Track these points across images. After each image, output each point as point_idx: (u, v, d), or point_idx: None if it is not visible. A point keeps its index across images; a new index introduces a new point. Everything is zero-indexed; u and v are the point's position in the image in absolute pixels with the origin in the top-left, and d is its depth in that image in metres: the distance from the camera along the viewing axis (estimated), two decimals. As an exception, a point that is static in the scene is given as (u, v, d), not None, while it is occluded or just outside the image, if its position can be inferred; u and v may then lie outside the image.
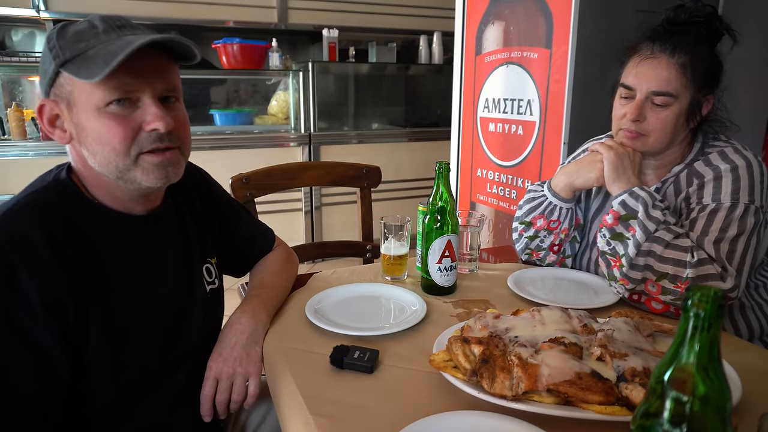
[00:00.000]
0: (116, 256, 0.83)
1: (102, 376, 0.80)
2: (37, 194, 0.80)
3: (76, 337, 0.76)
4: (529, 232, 1.26)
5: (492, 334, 0.81)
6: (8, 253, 0.71)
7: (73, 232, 0.78)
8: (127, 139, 0.78)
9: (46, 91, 0.81)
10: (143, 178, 0.82)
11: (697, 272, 0.96)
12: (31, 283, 0.71)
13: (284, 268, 1.16)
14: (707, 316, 0.42)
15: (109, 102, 0.77)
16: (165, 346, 0.88)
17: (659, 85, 1.06)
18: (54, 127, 0.82)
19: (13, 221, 0.75)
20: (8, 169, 2.92)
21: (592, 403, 0.68)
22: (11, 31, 3.74)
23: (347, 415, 0.72)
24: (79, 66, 0.75)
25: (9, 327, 0.70)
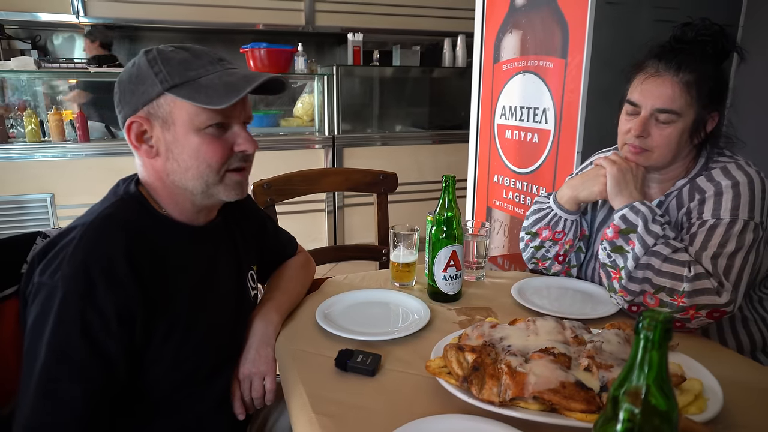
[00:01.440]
0: (179, 263, 0.92)
1: (159, 374, 0.89)
2: (113, 208, 0.88)
3: (140, 340, 0.85)
4: (535, 242, 1.30)
5: (486, 342, 0.86)
6: (90, 268, 0.79)
7: (145, 244, 0.86)
8: (223, 157, 0.89)
9: (136, 109, 0.87)
10: (224, 193, 0.92)
11: (694, 286, 0.99)
12: (107, 296, 0.79)
13: (300, 273, 1.23)
14: (655, 338, 0.47)
15: (209, 125, 0.86)
16: (216, 347, 0.97)
17: (663, 103, 1.09)
18: (141, 142, 0.89)
19: (94, 237, 0.82)
20: (48, 169, 3.08)
21: (574, 410, 0.73)
22: (52, 36, 3.93)
23: (348, 415, 0.79)
24: (193, 91, 0.84)
25: (84, 336, 0.78)
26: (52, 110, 3.12)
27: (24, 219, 3.12)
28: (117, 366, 0.82)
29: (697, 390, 0.76)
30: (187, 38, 4.03)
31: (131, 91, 0.88)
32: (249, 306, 1.07)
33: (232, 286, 1.04)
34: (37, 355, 0.78)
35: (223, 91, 0.84)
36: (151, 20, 3.68)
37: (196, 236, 0.97)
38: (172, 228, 0.93)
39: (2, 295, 0.99)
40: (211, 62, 0.89)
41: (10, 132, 3.15)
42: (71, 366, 0.78)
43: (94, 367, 0.79)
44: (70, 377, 0.78)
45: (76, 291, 0.78)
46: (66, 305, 0.78)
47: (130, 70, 0.89)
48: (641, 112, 1.12)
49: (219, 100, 0.83)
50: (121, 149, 3.19)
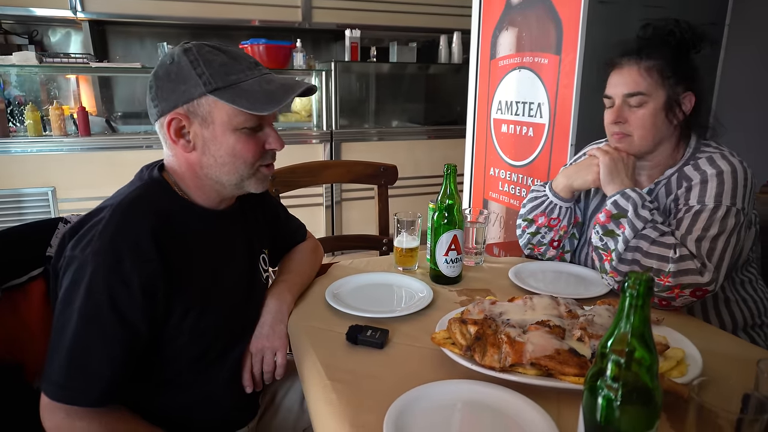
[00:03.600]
0: (198, 244, 0.99)
1: (175, 350, 0.96)
2: (140, 191, 0.95)
3: (161, 314, 0.92)
4: (531, 229, 1.37)
5: (487, 317, 0.93)
6: (119, 244, 0.86)
7: (168, 225, 0.93)
8: (257, 154, 0.97)
9: (175, 105, 0.93)
10: (255, 186, 1.01)
11: (679, 267, 1.06)
12: (133, 270, 0.86)
13: (310, 257, 1.31)
14: (640, 295, 0.53)
15: (245, 126, 0.94)
16: (230, 325, 1.03)
17: (629, 88, 1.19)
18: (179, 137, 0.95)
19: (123, 216, 0.89)
20: (49, 163, 3.11)
21: (568, 375, 0.80)
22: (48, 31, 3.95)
23: (360, 382, 0.85)
24: (235, 96, 0.91)
25: (111, 307, 0.85)
26: (53, 104, 3.15)
27: (25, 212, 3.16)
28: (140, 334, 0.88)
29: (679, 357, 0.84)
30: (184, 34, 4.06)
31: (171, 89, 0.93)
32: (260, 287, 1.14)
33: (246, 267, 1.10)
34: (68, 322, 0.85)
35: (265, 98, 0.92)
36: (148, 15, 3.70)
37: (215, 220, 1.03)
38: (193, 211, 1.00)
39: (29, 277, 1.05)
40: (249, 67, 0.95)
41: (10, 126, 3.18)
42: (100, 332, 0.85)
43: (119, 333, 0.86)
44: (98, 341, 0.85)
45: (105, 264, 0.85)
46: (96, 277, 0.85)
47: (169, 68, 0.93)
48: (615, 102, 1.21)
49: (261, 107, 0.91)
50: (121, 143, 3.23)
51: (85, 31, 3.76)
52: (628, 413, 0.55)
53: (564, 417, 0.75)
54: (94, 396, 0.86)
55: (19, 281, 1.03)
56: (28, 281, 1.05)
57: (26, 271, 1.05)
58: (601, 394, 0.56)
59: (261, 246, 1.17)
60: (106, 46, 4.00)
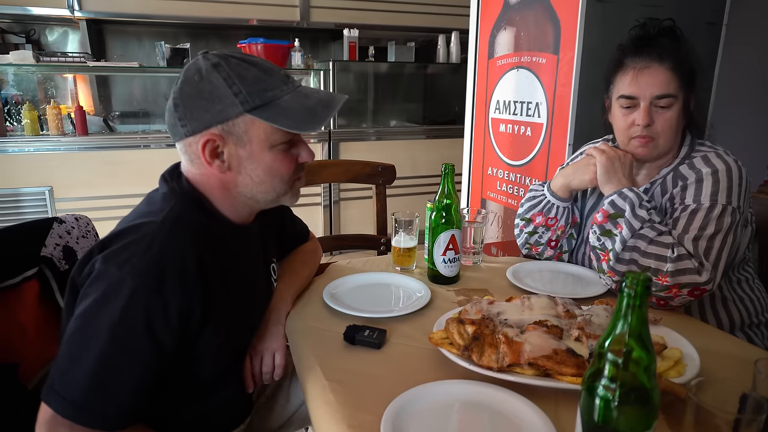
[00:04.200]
0: (232, 260, 0.96)
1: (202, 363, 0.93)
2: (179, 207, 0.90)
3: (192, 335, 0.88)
4: (529, 228, 1.37)
5: (484, 316, 0.93)
6: (164, 265, 0.81)
7: (209, 244, 0.89)
8: (292, 170, 0.95)
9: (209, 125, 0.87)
10: (291, 200, 1.00)
11: (676, 266, 1.06)
12: (175, 293, 0.81)
13: (309, 258, 1.30)
14: (637, 295, 0.53)
15: (282, 142, 0.91)
16: (245, 337, 1.03)
17: (660, 89, 1.16)
18: (214, 158, 0.90)
19: (167, 236, 0.84)
20: (46, 162, 3.11)
21: (566, 375, 0.80)
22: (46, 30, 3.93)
23: (357, 382, 0.85)
24: (275, 114, 0.87)
25: (147, 330, 0.80)
26: (51, 104, 3.15)
27: (22, 212, 3.15)
28: (167, 357, 0.84)
29: (676, 357, 0.84)
30: (182, 33, 4.05)
31: (203, 108, 0.87)
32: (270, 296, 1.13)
33: (264, 279, 1.10)
34: (95, 338, 0.79)
35: (306, 116, 0.88)
36: (146, 15, 3.69)
37: (244, 234, 1.02)
38: (229, 228, 0.97)
39: (23, 277, 1.05)
40: (283, 81, 0.91)
41: (7, 126, 3.17)
42: (130, 354, 0.80)
43: (148, 357, 0.82)
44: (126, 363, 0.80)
45: (147, 286, 0.80)
46: (136, 298, 0.79)
47: (199, 85, 0.87)
48: (640, 104, 1.18)
49: (304, 125, 0.87)
50: (119, 143, 3.23)
51: (83, 30, 3.75)
52: (625, 413, 0.55)
53: (561, 417, 0.74)
54: (112, 421, 0.80)
55: (12, 282, 1.03)
56: (22, 281, 1.05)
57: (20, 272, 1.04)
58: (598, 394, 0.56)
59: (271, 255, 1.17)
60: (104, 45, 3.99)
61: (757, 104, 2.35)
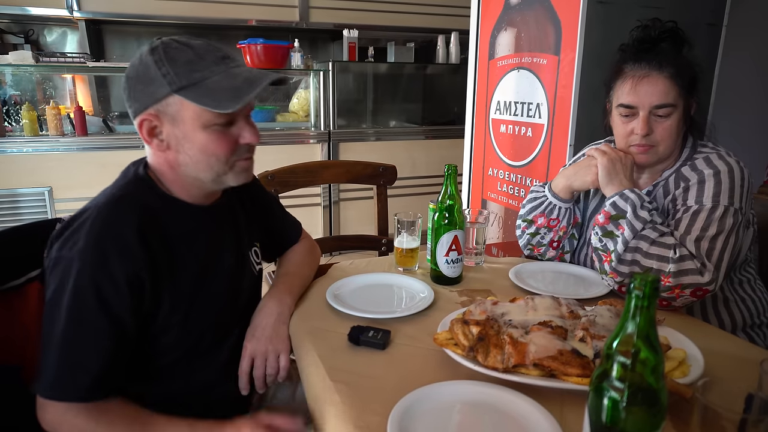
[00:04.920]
0: (184, 238, 0.99)
1: (168, 342, 0.96)
2: (125, 189, 0.96)
3: (150, 307, 0.92)
4: (531, 229, 1.37)
5: (489, 317, 0.93)
6: (104, 240, 0.87)
7: (154, 221, 0.94)
8: (230, 151, 0.95)
9: (146, 106, 0.92)
10: (234, 179, 1.00)
11: (679, 267, 1.07)
12: (118, 265, 0.87)
13: (307, 258, 1.30)
14: (645, 296, 0.54)
15: (216, 122, 0.92)
16: (220, 317, 1.04)
17: (659, 99, 1.16)
18: (153, 137, 0.94)
19: (107, 214, 0.90)
20: (46, 163, 3.10)
21: (571, 375, 0.80)
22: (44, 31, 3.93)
23: (362, 383, 0.85)
24: (200, 94, 0.89)
25: (98, 301, 0.86)
26: (50, 104, 3.14)
27: (22, 212, 3.14)
28: (127, 329, 0.89)
29: (681, 357, 0.84)
30: (181, 33, 3.99)
31: (140, 90, 0.92)
32: (252, 280, 1.14)
33: (235, 261, 1.09)
34: (57, 321, 0.86)
35: (230, 95, 0.89)
36: (145, 15, 3.69)
37: (202, 215, 1.03)
38: (179, 207, 1.00)
39: (26, 278, 1.05)
40: (215, 62, 0.93)
41: (7, 126, 3.16)
42: (87, 327, 0.86)
43: (107, 328, 0.87)
44: (86, 337, 0.86)
45: (91, 261, 0.86)
46: (82, 275, 0.86)
47: (138, 68, 0.92)
48: (639, 113, 1.18)
49: (226, 104, 0.89)
50: (118, 143, 3.22)
51: (82, 31, 3.74)
52: (634, 414, 0.55)
53: (567, 417, 0.75)
54: (84, 391, 0.86)
55: (17, 282, 1.03)
56: (26, 283, 1.05)
57: (24, 273, 1.04)
58: (606, 395, 0.56)
59: (252, 239, 1.17)
60: (103, 45, 3.98)
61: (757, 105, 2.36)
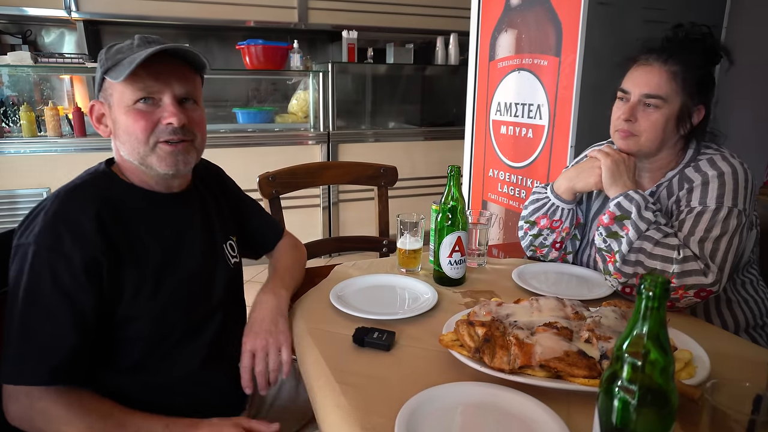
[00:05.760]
0: (146, 226, 0.99)
1: (137, 330, 0.95)
2: (82, 180, 0.98)
3: (110, 294, 0.91)
4: (534, 231, 1.37)
5: (494, 318, 0.93)
6: (57, 224, 0.88)
7: (111, 207, 0.95)
8: (147, 130, 0.95)
9: (96, 95, 1.00)
10: (158, 164, 0.98)
11: (682, 268, 1.07)
12: (74, 247, 0.87)
13: (294, 252, 1.31)
14: (656, 297, 0.53)
15: (136, 100, 0.94)
16: (190, 307, 1.02)
17: (650, 89, 1.17)
18: (100, 123, 1.00)
19: (63, 201, 0.92)
20: (44, 164, 3.09)
21: (577, 376, 0.80)
22: (42, 31, 3.91)
23: (368, 384, 0.85)
24: (113, 71, 0.94)
25: (52, 282, 0.86)
26: (48, 105, 3.13)
27: (20, 213, 3.13)
28: (86, 311, 0.88)
29: (687, 358, 0.84)
30: (179, 34, 4.04)
31: (95, 80, 1.00)
32: (227, 273, 1.11)
33: (204, 251, 1.08)
34: (15, 305, 0.86)
35: (127, 65, 0.91)
36: (143, 16, 3.68)
37: (164, 202, 1.03)
38: (139, 194, 1.01)
39: None
40: (141, 45, 0.96)
41: (5, 127, 3.15)
42: (43, 308, 0.86)
43: (63, 308, 0.86)
44: (42, 317, 0.86)
45: (46, 243, 0.87)
46: (37, 256, 0.86)
47: None
48: (630, 99, 1.20)
49: (118, 75, 0.91)
50: (117, 144, 3.22)
51: (80, 31, 3.73)
52: (644, 415, 0.55)
53: (574, 418, 0.75)
54: (45, 372, 0.85)
55: None
56: None
57: None
58: (617, 396, 0.56)
59: (226, 231, 1.16)
60: (101, 46, 3.95)
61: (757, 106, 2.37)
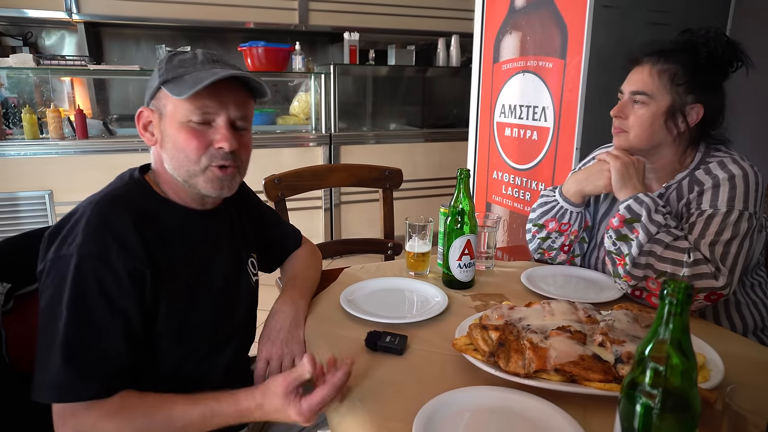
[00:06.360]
0: (180, 242, 0.98)
1: (164, 348, 0.95)
2: (120, 190, 0.96)
3: (150, 306, 0.91)
4: (542, 234, 1.37)
5: (507, 322, 0.93)
6: (101, 233, 0.87)
7: (149, 221, 0.93)
8: (199, 150, 0.94)
9: (148, 102, 0.98)
10: (204, 186, 0.97)
11: (693, 271, 1.07)
12: (119, 258, 0.86)
13: (312, 261, 1.30)
14: (679, 303, 0.54)
15: (191, 118, 0.93)
16: (217, 323, 1.03)
17: (637, 86, 1.21)
18: (146, 131, 0.98)
19: (103, 210, 0.89)
20: (46, 166, 3.09)
21: (593, 380, 0.80)
22: (42, 33, 3.91)
23: (382, 388, 0.85)
24: (174, 85, 0.93)
25: (100, 294, 0.85)
26: (51, 107, 3.12)
27: (22, 216, 3.13)
28: (132, 322, 0.87)
29: (701, 362, 0.84)
30: (180, 36, 4.04)
31: (149, 87, 0.98)
32: (249, 291, 1.12)
33: (231, 270, 1.08)
34: (58, 320, 0.82)
35: (191, 83, 0.90)
36: (144, 18, 3.68)
37: (198, 220, 1.03)
38: (173, 210, 1.00)
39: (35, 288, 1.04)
40: (204, 62, 0.96)
41: (7, 129, 3.15)
42: (91, 321, 0.84)
43: (111, 320, 0.85)
44: (90, 331, 0.84)
45: (91, 254, 0.84)
46: (82, 268, 0.84)
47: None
48: (623, 97, 1.24)
49: (181, 91, 0.90)
50: (119, 146, 3.21)
51: (81, 33, 3.73)
52: (667, 421, 0.55)
53: (590, 423, 0.75)
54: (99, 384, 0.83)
55: (30, 288, 1.02)
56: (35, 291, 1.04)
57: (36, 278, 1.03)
58: (639, 401, 0.56)
59: (248, 249, 1.16)
60: (101, 48, 3.97)
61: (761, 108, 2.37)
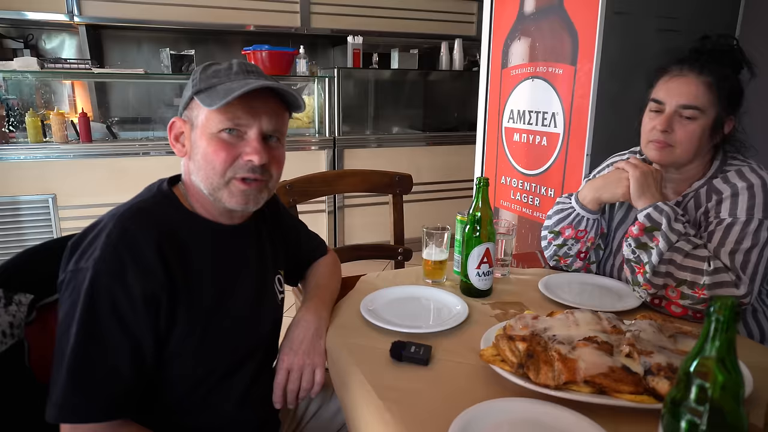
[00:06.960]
0: (205, 259, 0.96)
1: (181, 368, 0.92)
2: (145, 202, 0.94)
3: (164, 329, 0.88)
4: (558, 241, 1.38)
5: (532, 332, 0.93)
6: (121, 251, 0.84)
7: (173, 238, 0.91)
8: (227, 162, 0.92)
9: (181, 112, 0.98)
10: (228, 199, 0.95)
11: (713, 279, 1.07)
12: (135, 279, 0.83)
13: (334, 271, 1.30)
14: (725, 320, 0.54)
15: (221, 129, 0.91)
16: (236, 345, 1.00)
17: (687, 100, 1.18)
18: (177, 141, 0.98)
19: (126, 225, 0.87)
20: (50, 170, 3.07)
21: (623, 392, 0.80)
22: (43, 36, 3.90)
23: (411, 400, 0.84)
24: (206, 95, 0.92)
25: (111, 313, 0.82)
26: (54, 110, 3.11)
27: (26, 220, 3.11)
28: (143, 346, 0.85)
29: (729, 373, 0.84)
30: (181, 39, 4.03)
31: (183, 97, 0.97)
32: (274, 308, 1.10)
33: (257, 287, 1.06)
34: (69, 336, 0.81)
35: (222, 94, 0.89)
36: (145, 20, 3.67)
37: (224, 235, 1.00)
38: (199, 224, 0.98)
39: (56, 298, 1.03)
40: (238, 73, 0.94)
41: (10, 133, 3.13)
42: (100, 340, 0.81)
43: (121, 342, 0.83)
44: (98, 351, 0.81)
45: (107, 271, 0.82)
46: (96, 283, 0.81)
47: None
48: (665, 110, 1.21)
49: (212, 101, 0.89)
50: (123, 150, 3.20)
51: (82, 36, 3.72)
52: (713, 438, 0.55)
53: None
54: (98, 409, 0.81)
55: (52, 299, 1.01)
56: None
57: None
58: (684, 417, 0.56)
59: (276, 266, 1.14)
60: (102, 50, 3.96)
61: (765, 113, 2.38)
